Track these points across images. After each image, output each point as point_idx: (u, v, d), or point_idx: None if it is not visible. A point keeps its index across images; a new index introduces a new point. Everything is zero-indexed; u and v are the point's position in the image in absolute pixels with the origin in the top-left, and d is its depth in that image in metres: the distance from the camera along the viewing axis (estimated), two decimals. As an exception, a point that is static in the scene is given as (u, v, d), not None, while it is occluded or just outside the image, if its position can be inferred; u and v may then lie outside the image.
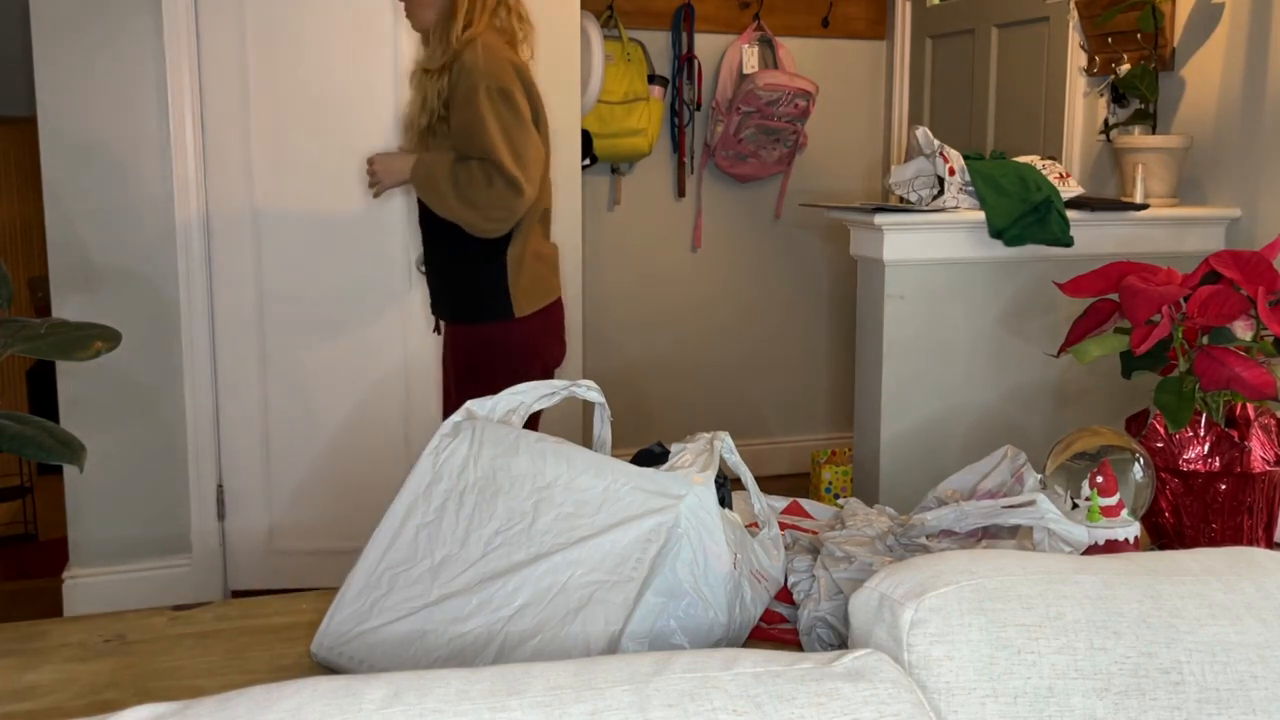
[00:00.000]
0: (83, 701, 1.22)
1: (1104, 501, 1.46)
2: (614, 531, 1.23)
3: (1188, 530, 1.61)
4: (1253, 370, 1.53)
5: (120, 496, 3.24)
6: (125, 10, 3.11)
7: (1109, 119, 3.32)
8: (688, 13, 4.40)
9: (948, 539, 1.46)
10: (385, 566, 1.31)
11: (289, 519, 3.39)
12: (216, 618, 1.43)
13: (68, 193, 3.12)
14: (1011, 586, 0.96)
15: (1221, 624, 0.97)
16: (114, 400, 3.20)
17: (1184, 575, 1.02)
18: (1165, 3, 3.11)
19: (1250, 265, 1.60)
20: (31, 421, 1.45)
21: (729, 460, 1.39)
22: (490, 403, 1.41)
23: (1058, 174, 2.80)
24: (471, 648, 1.21)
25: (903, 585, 0.98)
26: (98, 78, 3.11)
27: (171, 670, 1.30)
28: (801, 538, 1.54)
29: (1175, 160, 3.04)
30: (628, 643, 1.18)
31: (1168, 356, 1.65)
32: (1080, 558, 1.04)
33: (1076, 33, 3.45)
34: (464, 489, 1.32)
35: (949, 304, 2.69)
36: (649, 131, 4.26)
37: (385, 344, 3.41)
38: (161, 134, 3.17)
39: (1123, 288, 1.64)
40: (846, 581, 1.37)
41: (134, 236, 3.17)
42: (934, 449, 2.70)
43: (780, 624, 1.41)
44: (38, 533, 4.10)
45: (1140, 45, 3.17)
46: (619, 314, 4.45)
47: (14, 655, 1.32)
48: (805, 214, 4.46)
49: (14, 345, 1.46)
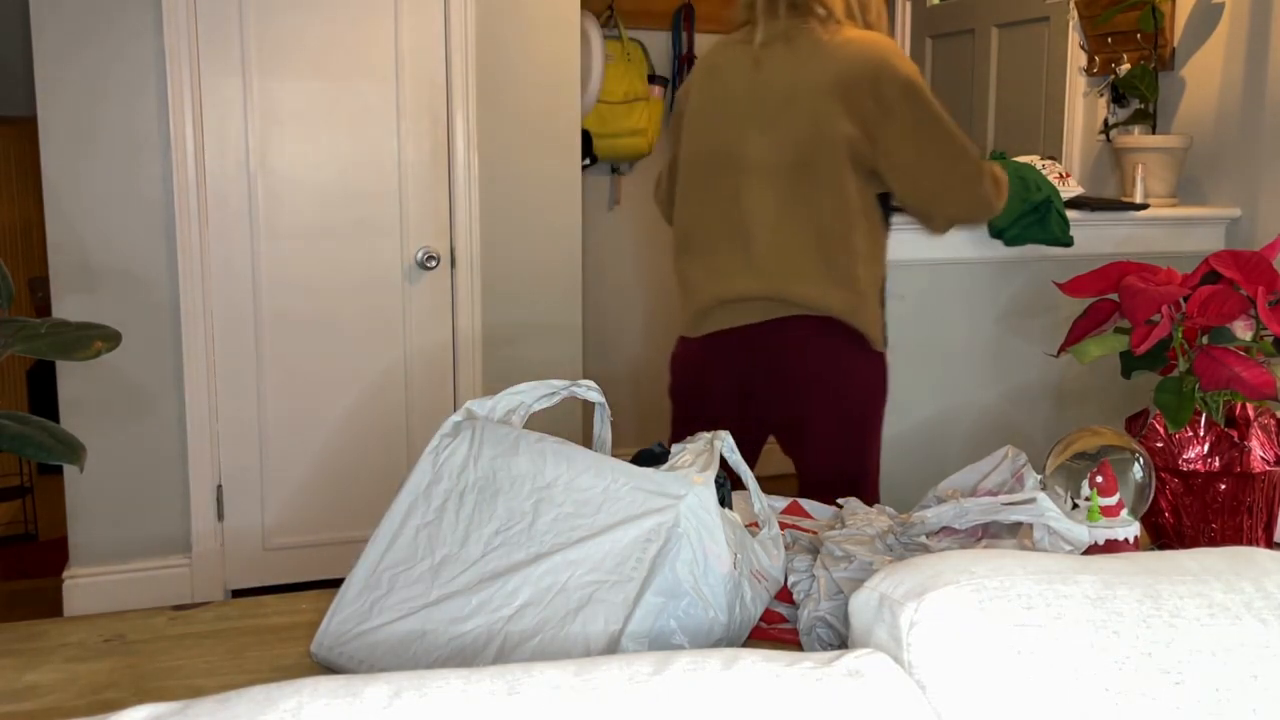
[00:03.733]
0: (83, 701, 1.22)
1: (1104, 501, 1.46)
2: (614, 531, 1.23)
3: (1188, 530, 1.61)
4: (1253, 370, 1.53)
5: (120, 496, 3.24)
6: (125, 10, 3.11)
7: (1109, 119, 3.32)
8: (688, 12, 4.40)
9: (948, 538, 1.46)
10: (385, 566, 1.31)
11: (289, 518, 3.39)
12: (216, 618, 1.43)
13: (68, 193, 3.12)
14: (1011, 586, 0.96)
15: (1221, 624, 0.97)
16: (114, 400, 3.20)
17: (1184, 575, 1.02)
18: (1165, 3, 3.11)
19: (1250, 265, 1.60)
20: (31, 421, 1.45)
21: (729, 460, 1.39)
22: (490, 403, 1.41)
23: (1058, 174, 2.80)
24: (471, 648, 1.21)
25: (903, 585, 0.98)
26: (98, 78, 3.11)
27: (171, 670, 1.30)
28: (801, 538, 1.54)
29: (1175, 160, 3.04)
30: (628, 643, 1.18)
31: (1168, 356, 1.65)
32: (1080, 558, 1.04)
33: (1076, 33, 3.45)
34: (464, 489, 1.32)
35: (949, 304, 2.70)
36: (649, 131, 4.26)
37: (385, 344, 3.41)
38: (162, 134, 3.17)
39: (1123, 288, 1.64)
40: (846, 581, 1.36)
41: (134, 237, 3.18)
42: (934, 449, 2.70)
43: (780, 624, 1.41)
44: (38, 533, 4.11)
45: (1140, 45, 3.18)
46: (619, 314, 4.45)
47: (14, 655, 1.32)
48: (805, 214, 4.45)
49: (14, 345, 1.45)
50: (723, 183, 2.22)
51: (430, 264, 3.40)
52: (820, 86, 2.12)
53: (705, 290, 2.26)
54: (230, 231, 3.25)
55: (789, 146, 2.14)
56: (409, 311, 3.42)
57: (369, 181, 3.35)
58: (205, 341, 3.25)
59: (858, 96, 2.10)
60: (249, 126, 3.24)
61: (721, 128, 2.22)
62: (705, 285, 2.27)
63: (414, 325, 3.43)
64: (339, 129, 3.31)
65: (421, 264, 3.40)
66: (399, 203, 3.38)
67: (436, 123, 3.39)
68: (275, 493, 3.37)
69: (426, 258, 3.39)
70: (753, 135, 2.17)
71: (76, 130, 3.12)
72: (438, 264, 3.41)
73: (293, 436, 3.36)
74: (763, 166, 2.17)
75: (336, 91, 3.29)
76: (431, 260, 3.39)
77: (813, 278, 2.18)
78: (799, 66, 2.15)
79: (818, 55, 2.14)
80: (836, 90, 2.11)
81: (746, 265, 2.20)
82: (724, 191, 2.22)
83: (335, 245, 3.34)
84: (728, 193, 2.21)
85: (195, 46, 3.16)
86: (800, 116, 2.13)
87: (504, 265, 3.52)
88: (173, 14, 3.12)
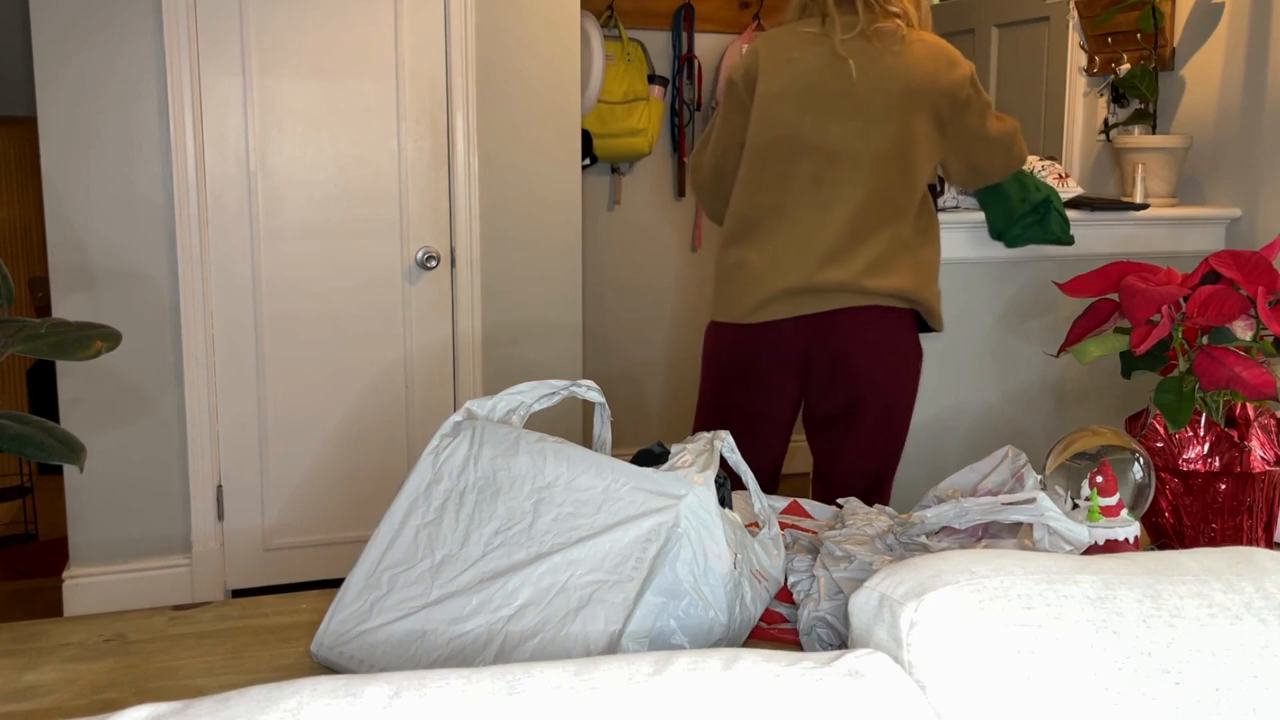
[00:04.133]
0: (83, 701, 1.22)
1: (1104, 501, 1.46)
2: (614, 531, 1.23)
3: (1188, 530, 1.61)
4: (1253, 370, 1.53)
5: (120, 496, 3.24)
6: (126, 10, 3.11)
7: (1109, 119, 3.32)
8: (688, 12, 4.40)
9: (948, 537, 1.46)
10: (385, 566, 1.31)
11: (289, 518, 3.39)
12: (216, 618, 1.43)
13: (68, 193, 3.12)
14: (1011, 586, 0.96)
15: (1221, 624, 0.97)
16: (114, 400, 3.20)
17: (1184, 575, 1.02)
18: (1165, 3, 3.11)
19: (1250, 265, 1.60)
20: (31, 421, 1.45)
21: (729, 460, 1.39)
22: (490, 403, 1.41)
23: (1058, 174, 2.80)
24: (471, 648, 1.21)
25: (903, 585, 0.98)
26: (98, 78, 3.11)
27: (171, 670, 1.30)
28: (801, 537, 1.54)
29: (1175, 160, 3.04)
30: (628, 643, 1.18)
31: (1168, 356, 1.65)
32: (1080, 558, 1.04)
33: (1076, 33, 3.45)
34: (464, 489, 1.32)
35: (949, 304, 2.69)
36: (649, 131, 4.26)
37: (385, 344, 3.41)
38: (161, 134, 3.17)
39: (1123, 288, 1.64)
40: (846, 581, 1.36)
41: (134, 236, 3.18)
42: (934, 449, 2.69)
43: (780, 624, 1.41)
44: (38, 533, 4.11)
45: (1140, 45, 3.18)
46: (619, 314, 4.45)
47: (14, 655, 1.32)
48: (805, 214, 4.45)
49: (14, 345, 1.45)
50: (800, 169, 2.26)
51: (430, 264, 3.40)
52: (902, 82, 2.24)
53: (769, 277, 2.27)
54: (230, 231, 3.25)
55: (873, 138, 2.23)
56: (409, 311, 3.42)
57: (369, 181, 3.35)
58: (205, 341, 3.25)
59: (935, 93, 2.26)
60: (249, 126, 3.24)
61: (802, 116, 2.25)
62: (769, 272, 2.28)
63: (414, 325, 3.43)
64: (339, 129, 3.31)
65: (421, 264, 3.40)
66: (399, 203, 3.38)
67: (436, 123, 3.39)
68: (275, 492, 3.36)
69: (426, 258, 3.39)
70: (835, 125, 2.24)
71: (76, 130, 3.12)
72: (438, 264, 3.41)
73: (293, 436, 3.36)
74: (845, 156, 2.24)
75: (336, 91, 3.29)
76: (431, 260, 3.39)
77: (891, 267, 2.26)
78: (879, 61, 2.24)
79: (898, 53, 2.25)
80: (918, 86, 2.24)
81: (823, 253, 2.25)
82: (801, 179, 2.26)
83: (335, 245, 3.34)
84: (805, 180, 2.25)
85: (195, 46, 3.16)
86: (884, 109, 2.23)
87: (504, 265, 3.52)
88: (172, 14, 3.12)
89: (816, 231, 2.25)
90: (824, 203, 2.25)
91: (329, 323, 3.36)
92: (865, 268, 2.24)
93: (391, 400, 3.44)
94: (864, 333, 2.27)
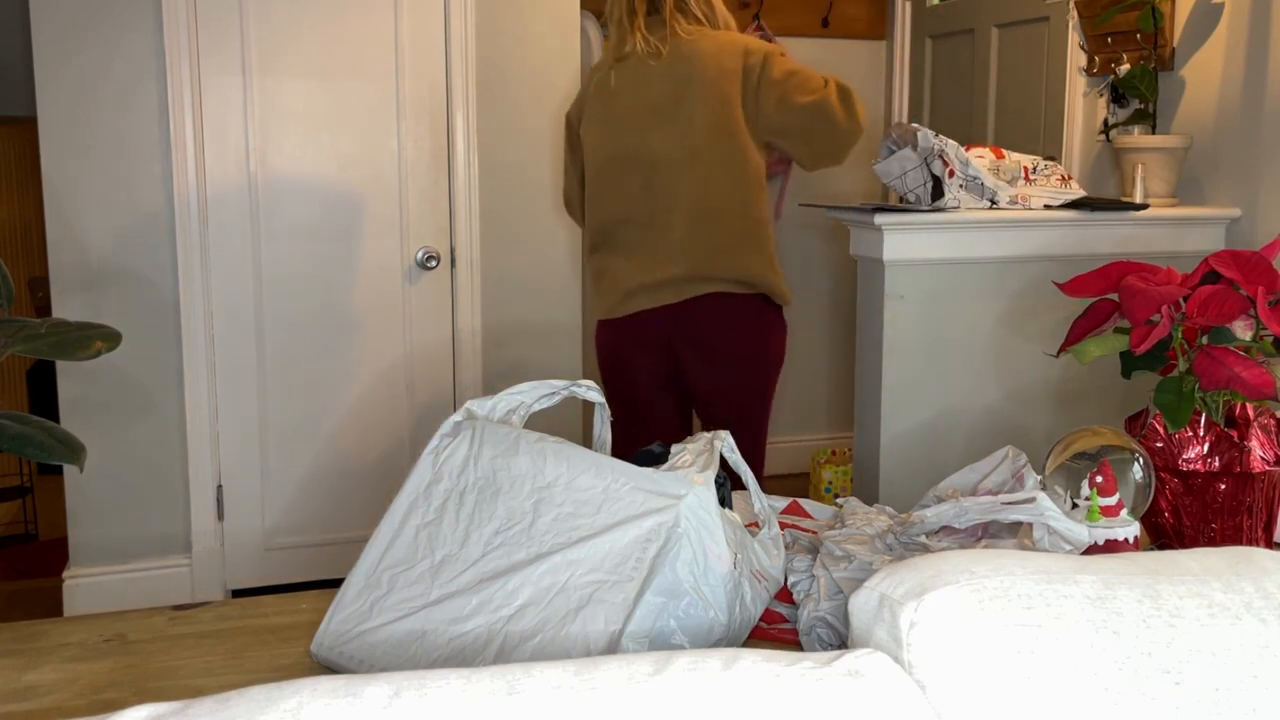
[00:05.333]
0: (83, 701, 1.22)
1: (1104, 501, 1.46)
2: (614, 531, 1.23)
3: (1188, 530, 1.61)
4: (1253, 370, 1.53)
5: (120, 496, 3.24)
6: (125, 10, 3.11)
7: (1109, 119, 3.32)
8: (688, 13, 4.39)
9: (948, 538, 1.46)
10: (385, 566, 1.31)
11: (289, 518, 3.39)
12: (216, 618, 1.43)
13: (68, 193, 3.12)
14: (1011, 586, 0.96)
15: (1221, 624, 0.97)
16: (114, 400, 3.20)
17: (1184, 575, 1.02)
18: (1165, 3, 3.11)
19: (1250, 265, 1.60)
20: (31, 421, 1.45)
21: (729, 460, 1.39)
22: (490, 403, 1.41)
23: (1059, 176, 2.80)
24: (471, 648, 1.21)
25: (903, 585, 0.98)
26: (98, 78, 3.11)
27: (171, 670, 1.30)
28: (801, 537, 1.54)
29: (1175, 160, 3.04)
30: (628, 643, 1.18)
31: (1167, 356, 1.65)
32: (1080, 558, 1.04)
33: (1076, 33, 3.45)
34: (464, 489, 1.32)
35: (949, 304, 2.69)
36: (649, 131, 4.26)
37: (385, 344, 3.41)
38: (162, 134, 3.17)
39: (1122, 288, 1.64)
40: (846, 581, 1.36)
41: (134, 237, 3.18)
42: (934, 449, 2.69)
43: (780, 624, 1.41)
44: (38, 533, 4.11)
45: (1140, 45, 3.17)
46: (619, 314, 4.45)
47: (14, 655, 1.32)
48: (805, 214, 4.46)
49: (14, 345, 1.46)
50: (631, 180, 2.51)
51: (430, 264, 3.40)
52: (698, 79, 2.44)
53: (628, 276, 2.52)
54: (230, 231, 3.25)
55: (687, 138, 2.45)
56: (409, 311, 3.42)
57: (369, 181, 3.35)
58: (205, 341, 3.25)
59: (726, 80, 2.43)
60: (249, 126, 3.24)
61: (620, 134, 2.52)
62: (627, 272, 2.53)
63: (414, 325, 3.43)
64: (339, 129, 3.31)
65: (421, 264, 3.40)
66: (399, 203, 3.38)
67: (436, 122, 3.39)
68: (275, 493, 3.36)
69: (426, 258, 3.39)
70: (653, 135, 2.48)
71: (76, 130, 3.12)
72: (438, 264, 3.41)
73: (293, 436, 3.36)
74: (665, 161, 2.46)
75: (336, 91, 3.29)
76: (431, 260, 3.40)
77: (729, 251, 2.48)
78: (676, 68, 2.47)
79: (689, 56, 2.46)
80: (710, 78, 2.44)
81: (666, 249, 2.48)
82: (634, 188, 2.51)
83: (335, 245, 3.34)
84: (638, 188, 2.50)
85: (195, 46, 3.16)
86: (688, 110, 2.45)
87: (504, 265, 3.52)
88: (172, 13, 3.12)
89: (661, 232, 2.48)
90: (661, 206, 2.48)
91: (329, 323, 3.36)
92: (706, 257, 2.46)
93: (391, 400, 3.44)
94: (718, 316, 2.49)
